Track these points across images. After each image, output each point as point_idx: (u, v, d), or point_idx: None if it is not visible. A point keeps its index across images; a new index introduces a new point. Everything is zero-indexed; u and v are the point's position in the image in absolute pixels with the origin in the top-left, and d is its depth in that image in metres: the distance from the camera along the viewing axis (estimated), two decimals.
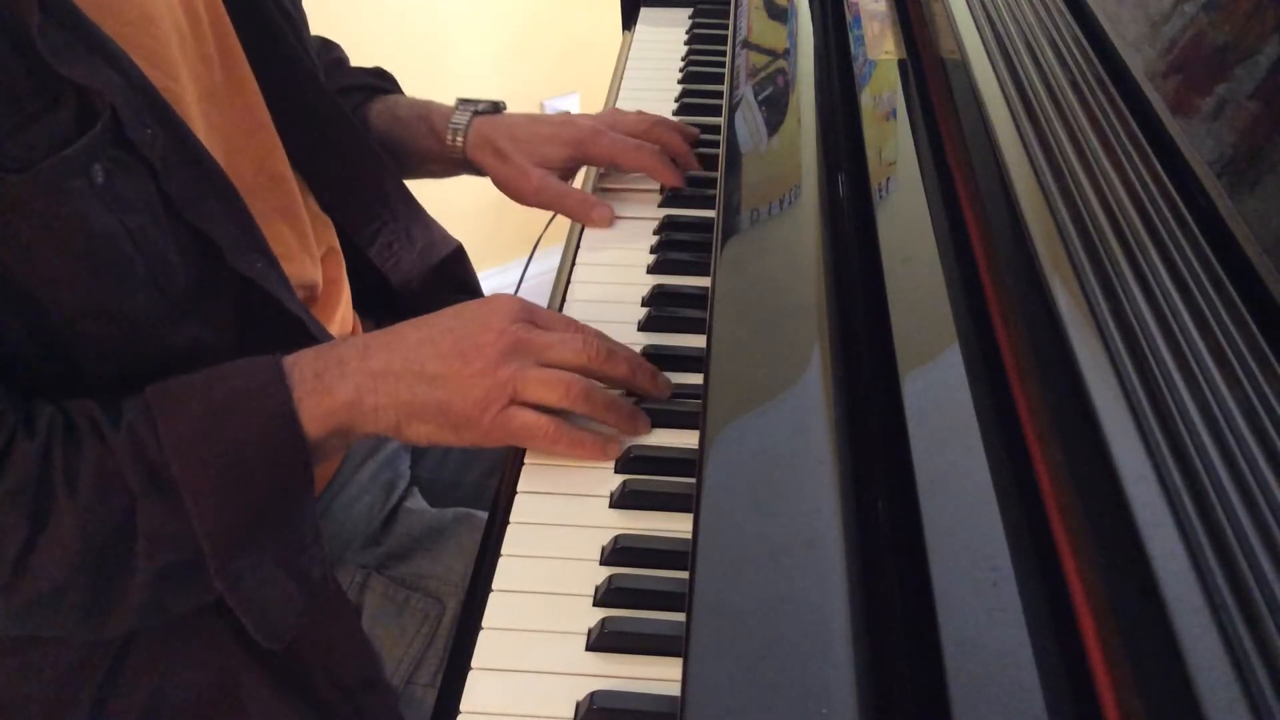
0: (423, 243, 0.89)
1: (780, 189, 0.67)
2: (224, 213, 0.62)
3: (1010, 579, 0.38)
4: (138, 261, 0.57)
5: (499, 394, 0.60)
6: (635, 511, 0.60)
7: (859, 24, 0.85)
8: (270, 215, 0.71)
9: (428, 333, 0.62)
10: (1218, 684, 0.31)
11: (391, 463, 0.85)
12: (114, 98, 0.55)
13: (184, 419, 0.56)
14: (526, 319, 0.63)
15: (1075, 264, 0.47)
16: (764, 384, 0.53)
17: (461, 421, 0.60)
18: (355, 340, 0.63)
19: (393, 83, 0.97)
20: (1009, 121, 0.59)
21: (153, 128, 0.58)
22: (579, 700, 0.51)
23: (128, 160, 0.57)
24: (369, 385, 0.60)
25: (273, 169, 0.73)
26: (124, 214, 0.56)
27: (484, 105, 0.90)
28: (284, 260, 0.69)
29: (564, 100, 2.07)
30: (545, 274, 0.87)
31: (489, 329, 0.61)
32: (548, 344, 0.62)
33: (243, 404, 0.58)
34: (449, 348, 0.61)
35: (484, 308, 0.64)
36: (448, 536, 0.79)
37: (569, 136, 0.86)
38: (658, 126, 0.89)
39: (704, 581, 0.44)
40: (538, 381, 0.60)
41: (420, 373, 0.60)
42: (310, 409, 0.59)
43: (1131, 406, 0.40)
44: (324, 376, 0.60)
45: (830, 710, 0.37)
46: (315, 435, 0.59)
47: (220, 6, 0.69)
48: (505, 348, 0.61)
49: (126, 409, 0.57)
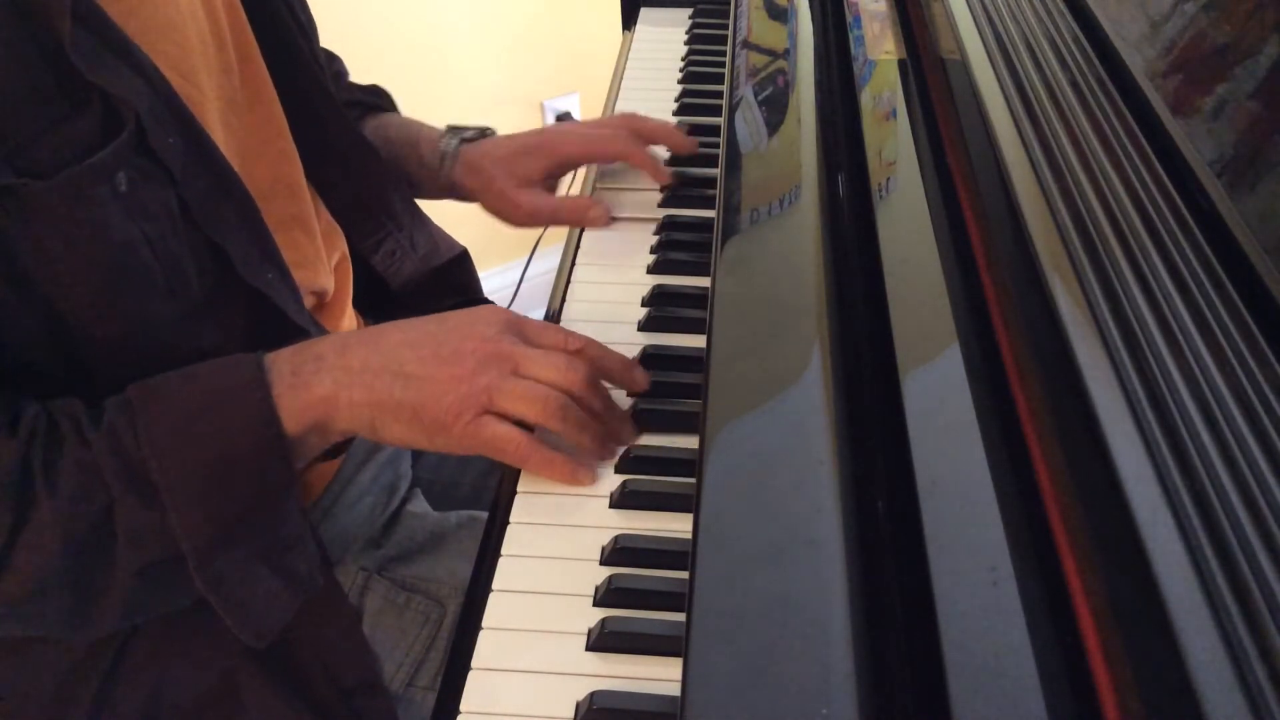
0: (425, 249, 0.89)
1: (780, 189, 0.67)
2: (239, 222, 0.63)
3: (1010, 579, 0.38)
4: (155, 270, 0.58)
5: (473, 401, 0.59)
6: (635, 511, 0.60)
7: (859, 24, 0.85)
8: (286, 223, 0.71)
9: (410, 335, 0.62)
10: (1218, 684, 0.31)
11: (393, 463, 0.85)
12: (139, 106, 0.55)
13: (164, 418, 0.56)
14: (513, 331, 0.62)
15: (1075, 264, 0.47)
16: (764, 384, 0.53)
17: (434, 426, 0.60)
18: (334, 337, 0.63)
19: (389, 101, 0.97)
20: (1009, 121, 0.59)
21: (174, 136, 0.58)
22: (579, 700, 0.51)
23: (150, 168, 0.57)
24: (345, 381, 0.59)
25: (289, 177, 0.73)
26: (144, 222, 0.57)
27: (472, 132, 0.90)
28: (297, 267, 0.69)
29: (564, 100, 2.07)
30: (545, 274, 0.87)
31: (472, 336, 0.61)
32: (530, 357, 0.61)
33: (223, 403, 0.57)
34: (429, 351, 0.60)
35: (470, 315, 0.63)
36: (450, 540, 0.79)
37: (540, 143, 0.87)
38: (631, 118, 0.89)
39: (704, 581, 0.44)
40: (513, 393, 0.59)
41: (398, 372, 0.60)
42: (288, 404, 0.59)
43: (1131, 406, 0.40)
44: (300, 372, 0.60)
45: (830, 710, 0.37)
46: (293, 431, 0.59)
47: (242, 15, 0.69)
48: (485, 356, 0.60)
49: (108, 407, 0.57)
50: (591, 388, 0.62)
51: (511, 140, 0.89)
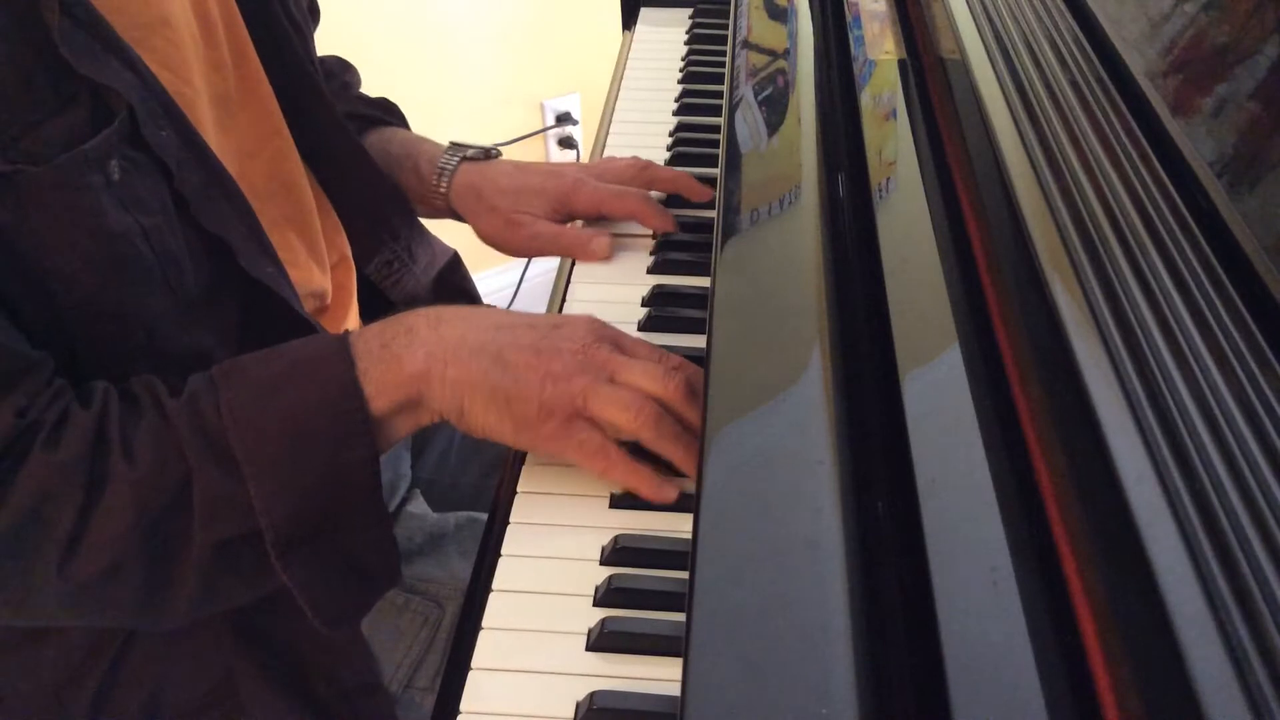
0: (424, 260, 0.88)
1: (780, 189, 0.67)
2: (235, 218, 0.62)
3: (1010, 579, 0.38)
4: (152, 262, 0.57)
5: (568, 402, 0.57)
6: (635, 511, 0.60)
7: (859, 24, 0.85)
8: (281, 223, 0.71)
9: (507, 320, 0.60)
10: (1218, 684, 0.31)
11: (392, 463, 0.85)
12: (130, 98, 0.55)
13: (245, 389, 0.55)
14: (609, 340, 0.61)
15: (1075, 264, 0.47)
16: (764, 384, 0.53)
17: (523, 419, 0.58)
18: (427, 311, 0.61)
19: (397, 117, 0.95)
20: (1009, 121, 0.59)
21: (167, 130, 0.58)
22: (579, 700, 0.51)
23: (143, 160, 0.57)
24: (440, 354, 0.57)
25: (285, 176, 0.73)
26: (139, 213, 0.57)
27: (474, 151, 0.87)
28: (290, 267, 0.69)
29: (564, 100, 2.07)
30: (545, 274, 0.87)
31: (571, 338, 0.59)
32: (627, 365, 0.59)
33: (303, 372, 0.56)
34: (529, 342, 0.58)
35: (567, 319, 0.62)
36: (449, 541, 0.79)
37: (553, 189, 0.84)
38: (647, 170, 0.86)
39: (704, 581, 0.44)
40: (610, 399, 0.58)
41: (496, 356, 0.58)
42: (377, 379, 0.57)
43: (1131, 406, 0.40)
44: (391, 346, 0.58)
45: (830, 710, 0.37)
46: (382, 409, 0.57)
47: (236, 14, 0.69)
48: (583, 359, 0.58)
49: (191, 382, 0.56)
50: (687, 401, 0.60)
51: (521, 174, 0.86)
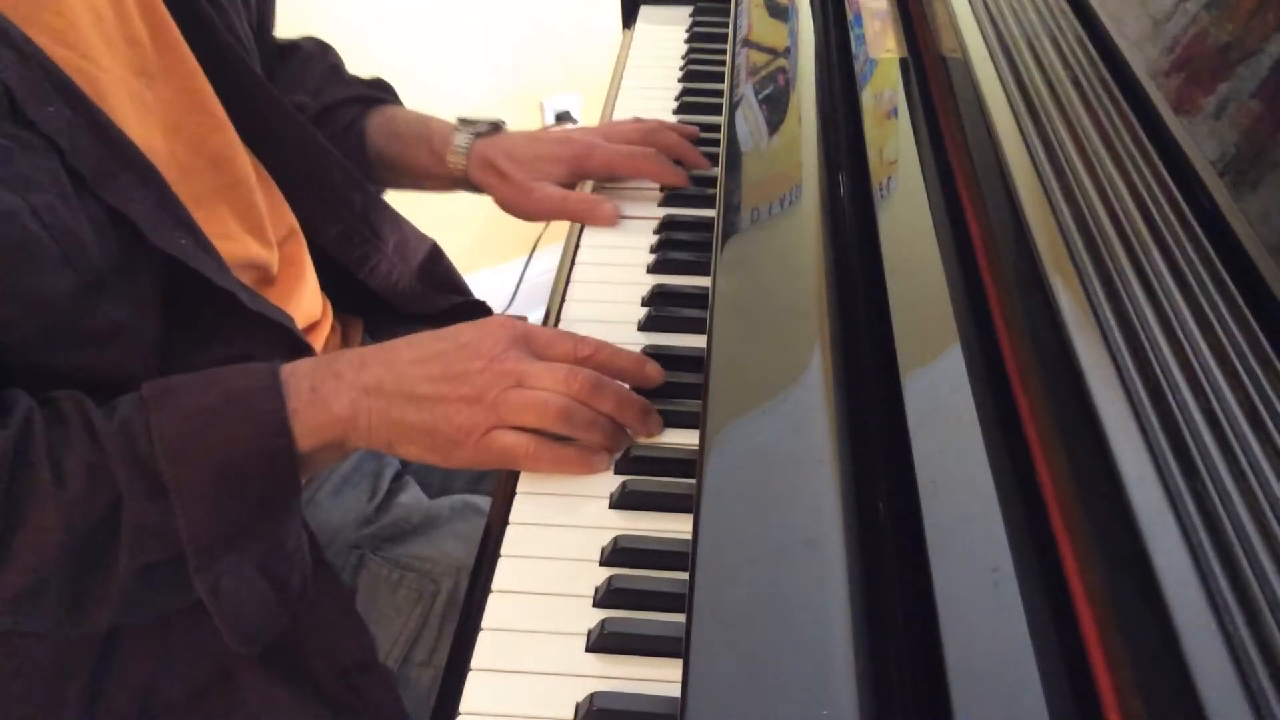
0: (392, 239, 0.88)
1: (781, 188, 0.67)
2: (141, 191, 0.61)
3: (1011, 579, 0.38)
4: (46, 241, 0.56)
5: (483, 419, 0.61)
6: (635, 512, 0.60)
7: (860, 22, 0.85)
8: (208, 197, 0.70)
9: (420, 353, 0.63)
10: (1218, 684, 0.31)
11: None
12: (8, 76, 0.55)
13: (177, 419, 0.56)
14: (521, 345, 0.63)
15: (1077, 263, 0.47)
16: (764, 384, 0.53)
17: (447, 444, 0.61)
18: (352, 353, 0.64)
19: (391, 93, 0.97)
20: (1011, 120, 0.59)
21: (56, 106, 0.57)
22: (579, 701, 0.51)
23: (29, 139, 0.56)
24: (363, 403, 0.61)
25: (214, 150, 0.71)
26: (27, 192, 0.56)
27: (484, 126, 0.91)
28: (221, 240, 0.68)
29: (564, 99, 2.07)
30: (545, 274, 0.87)
31: (479, 355, 0.62)
32: (534, 374, 0.62)
33: (236, 407, 0.58)
34: (439, 371, 0.62)
35: (479, 331, 0.64)
36: (443, 523, 0.80)
37: (566, 153, 0.87)
38: (654, 132, 0.89)
39: (704, 582, 0.43)
40: (519, 405, 0.61)
41: (410, 395, 0.61)
42: (306, 421, 0.60)
43: (1133, 406, 0.40)
44: (320, 390, 0.60)
45: (830, 710, 0.37)
46: (308, 447, 0.60)
47: None
48: (491, 374, 0.61)
49: (120, 404, 0.57)
50: (595, 391, 0.62)
51: (535, 143, 0.89)
